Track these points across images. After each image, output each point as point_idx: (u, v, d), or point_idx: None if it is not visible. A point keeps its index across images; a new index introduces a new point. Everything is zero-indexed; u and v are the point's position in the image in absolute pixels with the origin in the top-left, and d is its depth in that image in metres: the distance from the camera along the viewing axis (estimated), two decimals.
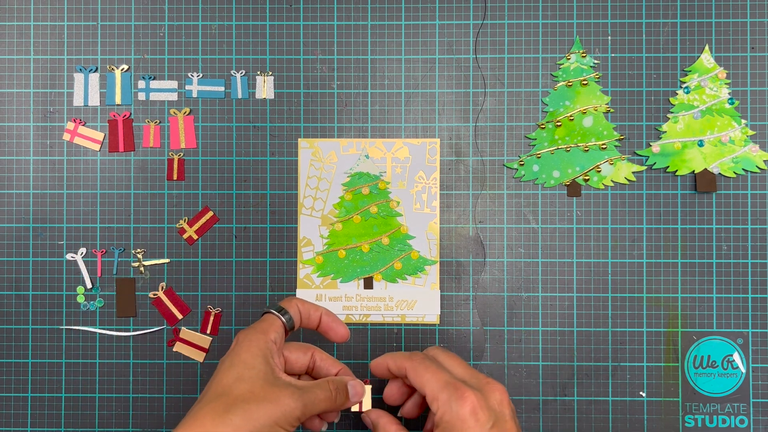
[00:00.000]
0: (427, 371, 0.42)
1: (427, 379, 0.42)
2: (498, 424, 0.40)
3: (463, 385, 0.41)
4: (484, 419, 0.40)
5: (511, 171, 0.53)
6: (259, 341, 0.42)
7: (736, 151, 0.52)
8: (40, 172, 0.53)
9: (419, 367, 0.43)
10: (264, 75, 0.53)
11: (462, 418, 0.40)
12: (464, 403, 0.40)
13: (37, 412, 0.53)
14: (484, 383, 0.42)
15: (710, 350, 0.52)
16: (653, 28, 0.53)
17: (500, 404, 0.41)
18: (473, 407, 0.40)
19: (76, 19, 0.54)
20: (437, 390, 0.41)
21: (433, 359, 0.44)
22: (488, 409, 0.41)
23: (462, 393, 0.41)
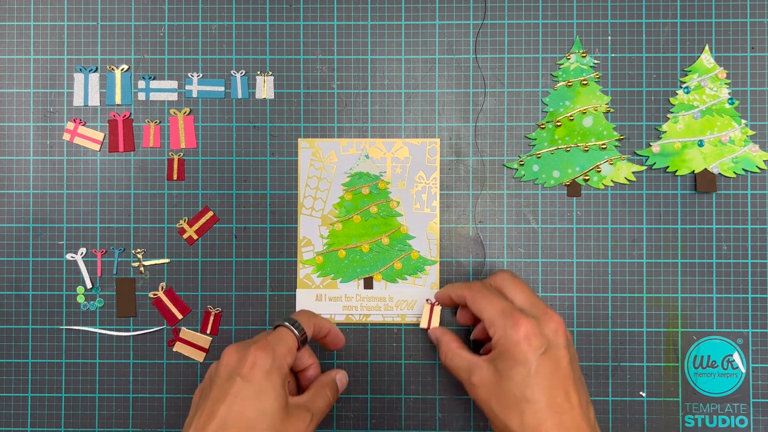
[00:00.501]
0: (484, 299, 0.45)
1: (484, 306, 0.45)
2: (551, 350, 0.42)
3: (519, 312, 0.43)
4: (537, 345, 0.42)
5: (511, 171, 0.53)
6: (281, 369, 0.42)
7: (736, 151, 0.52)
8: (40, 172, 0.53)
9: (477, 296, 0.46)
10: (264, 75, 0.53)
11: (515, 342, 0.42)
12: (518, 329, 0.42)
13: (37, 412, 0.53)
14: (542, 312, 0.44)
15: (710, 350, 0.52)
16: (653, 28, 0.53)
17: (555, 333, 0.43)
18: (527, 333, 0.42)
19: (76, 19, 0.54)
20: (494, 317, 0.44)
21: (491, 288, 0.47)
22: (541, 336, 0.42)
23: (517, 320, 0.43)
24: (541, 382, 0.41)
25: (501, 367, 0.43)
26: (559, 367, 0.42)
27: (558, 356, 0.42)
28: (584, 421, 0.42)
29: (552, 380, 0.42)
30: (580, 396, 0.42)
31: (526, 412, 0.41)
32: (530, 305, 0.45)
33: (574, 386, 0.42)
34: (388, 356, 0.53)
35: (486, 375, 0.44)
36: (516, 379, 0.42)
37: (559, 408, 0.41)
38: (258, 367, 0.41)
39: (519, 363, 0.42)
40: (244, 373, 0.41)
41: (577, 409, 0.42)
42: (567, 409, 0.41)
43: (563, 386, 0.42)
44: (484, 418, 0.52)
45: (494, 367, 0.43)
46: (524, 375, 0.42)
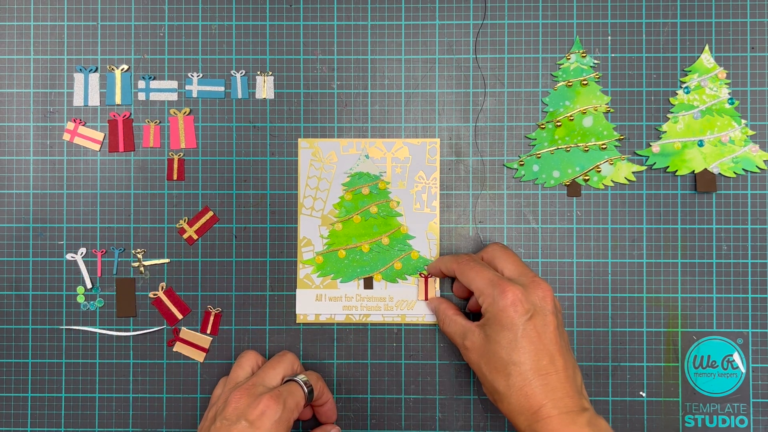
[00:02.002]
0: (472, 271, 0.47)
1: (473, 277, 0.47)
2: (537, 315, 0.44)
3: (507, 281, 0.45)
4: (522, 310, 0.44)
5: (511, 171, 0.53)
6: (287, 422, 0.44)
7: (736, 151, 0.52)
8: (40, 172, 0.53)
9: (465, 268, 0.47)
10: (264, 75, 0.53)
11: (502, 309, 0.44)
12: (505, 296, 0.44)
13: (37, 412, 0.53)
14: (530, 280, 0.46)
15: (710, 350, 0.52)
16: (653, 28, 0.53)
17: (542, 300, 0.45)
18: (513, 299, 0.44)
19: (76, 19, 0.53)
20: (483, 287, 0.46)
21: (480, 260, 0.48)
22: (528, 302, 0.44)
23: (504, 287, 0.45)
24: (527, 345, 0.43)
25: (490, 332, 0.45)
26: (546, 332, 0.44)
27: (545, 322, 0.44)
28: (569, 383, 0.43)
29: (537, 344, 0.44)
30: (566, 360, 0.44)
31: (512, 374, 0.43)
32: (519, 274, 0.46)
33: (560, 351, 0.44)
34: (388, 356, 0.53)
35: (477, 339, 0.46)
36: (503, 343, 0.44)
37: (545, 370, 0.43)
38: (267, 417, 0.43)
39: (506, 328, 0.44)
40: (252, 420, 0.43)
41: (562, 372, 0.43)
42: (552, 371, 0.43)
43: (548, 350, 0.44)
44: (483, 418, 0.53)
45: (484, 332, 0.45)
46: (511, 339, 0.44)
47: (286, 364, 0.47)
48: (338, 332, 0.53)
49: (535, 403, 0.43)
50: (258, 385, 0.45)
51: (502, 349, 0.44)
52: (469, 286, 0.47)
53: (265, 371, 0.46)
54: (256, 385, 0.45)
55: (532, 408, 0.43)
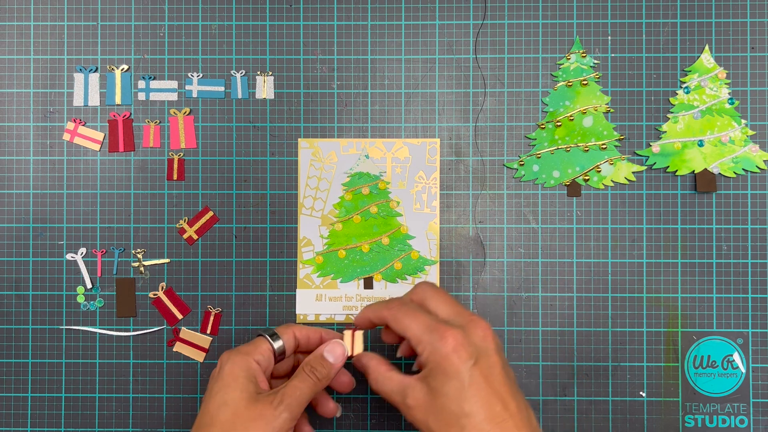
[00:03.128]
0: (406, 317, 0.43)
1: (407, 324, 0.43)
2: (482, 358, 0.41)
3: (444, 325, 0.42)
4: (466, 355, 0.41)
5: (511, 171, 0.53)
6: (242, 362, 0.43)
7: (736, 151, 0.52)
8: (40, 172, 0.53)
9: (398, 315, 0.43)
10: (264, 75, 0.53)
11: (445, 356, 0.41)
12: (446, 342, 0.41)
13: (37, 412, 0.53)
14: (467, 321, 0.42)
15: (710, 350, 0.52)
16: (653, 28, 0.53)
17: (484, 340, 0.42)
18: (455, 345, 0.41)
19: (76, 19, 0.53)
20: (419, 333, 0.42)
21: (411, 303, 0.45)
22: (470, 345, 0.41)
23: (443, 333, 0.41)
24: (477, 393, 0.40)
25: (434, 385, 0.41)
26: (493, 375, 0.41)
27: (489, 363, 0.41)
28: (526, 427, 0.41)
29: (487, 390, 0.40)
30: (518, 402, 0.41)
31: (466, 427, 0.40)
32: (455, 315, 0.43)
33: (511, 393, 0.41)
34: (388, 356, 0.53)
35: (420, 395, 0.42)
36: (451, 395, 0.40)
37: (499, 418, 0.40)
38: (221, 367, 0.43)
39: (451, 377, 0.40)
40: (213, 374, 0.44)
41: (517, 416, 0.40)
42: (507, 417, 0.40)
43: (499, 395, 0.41)
44: None
45: (427, 385, 0.41)
46: (458, 389, 0.40)
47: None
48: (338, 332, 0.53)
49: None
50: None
51: (452, 402, 0.40)
52: (404, 333, 0.43)
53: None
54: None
55: None
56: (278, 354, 0.45)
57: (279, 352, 0.45)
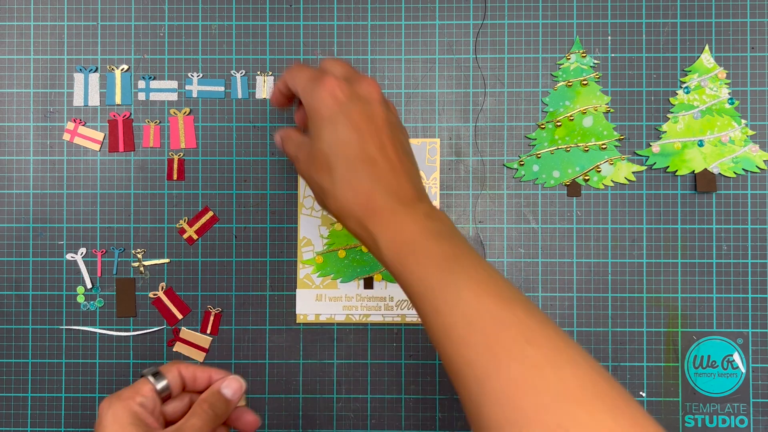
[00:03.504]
0: (300, 71, 0.42)
1: (296, 76, 0.42)
2: (360, 104, 0.39)
3: (328, 74, 0.41)
4: (343, 96, 0.39)
5: (511, 171, 0.53)
6: (123, 409, 0.39)
7: (736, 151, 0.52)
8: (40, 172, 0.53)
9: (292, 71, 0.42)
10: (264, 75, 0.53)
11: (321, 98, 0.39)
12: (324, 85, 0.39)
13: (37, 412, 0.53)
14: (357, 78, 0.41)
15: (710, 350, 0.52)
16: (653, 28, 0.53)
17: (369, 92, 0.40)
18: (332, 86, 0.39)
19: (76, 19, 0.53)
20: (304, 82, 0.41)
21: (312, 65, 0.43)
22: (350, 90, 0.40)
23: (324, 78, 0.40)
24: (350, 132, 0.38)
25: (313, 131, 0.40)
26: (373, 119, 0.39)
27: (371, 111, 0.39)
28: (404, 175, 0.39)
29: (363, 130, 0.39)
30: (401, 155, 0.39)
31: (335, 167, 0.38)
32: (347, 73, 0.42)
33: (392, 142, 0.39)
34: (388, 356, 0.53)
35: (305, 146, 0.41)
36: (324, 136, 0.39)
37: (372, 158, 0.38)
38: (103, 416, 0.39)
39: (325, 119, 0.39)
40: (96, 428, 0.40)
41: (396, 163, 0.39)
42: (381, 159, 0.38)
43: (377, 138, 0.39)
44: None
45: (309, 134, 0.40)
46: (331, 130, 0.39)
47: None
48: (338, 332, 0.53)
49: (362, 195, 0.38)
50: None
51: (324, 143, 0.39)
52: (295, 89, 0.42)
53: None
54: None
55: (360, 202, 0.38)
56: (162, 394, 0.41)
57: (163, 391, 0.41)
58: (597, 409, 0.29)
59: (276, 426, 0.53)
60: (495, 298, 0.34)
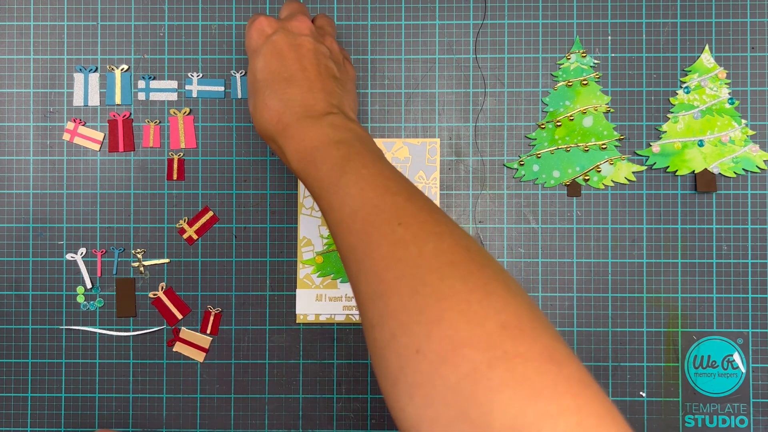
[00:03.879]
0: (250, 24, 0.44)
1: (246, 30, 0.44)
2: (287, 34, 0.41)
3: (262, 14, 0.43)
4: (269, 29, 0.41)
5: (511, 171, 0.53)
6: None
7: (736, 151, 0.52)
8: (40, 172, 0.53)
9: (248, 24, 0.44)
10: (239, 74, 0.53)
11: (249, 35, 0.42)
12: (253, 24, 0.42)
13: (37, 412, 0.53)
14: (294, 16, 0.43)
15: (710, 350, 0.52)
16: (653, 28, 0.53)
17: (297, 27, 0.42)
18: (260, 23, 0.42)
19: (76, 19, 0.53)
20: (246, 29, 0.43)
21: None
22: (277, 24, 0.41)
23: (255, 18, 0.42)
24: (272, 59, 0.40)
25: (248, 68, 0.42)
26: (297, 49, 0.41)
27: (297, 42, 0.41)
28: (321, 94, 0.40)
29: (284, 57, 0.40)
30: (323, 77, 0.40)
31: (257, 91, 0.40)
32: (293, 12, 0.43)
33: (315, 65, 0.40)
34: None
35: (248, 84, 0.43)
36: (252, 68, 0.41)
37: (288, 79, 0.40)
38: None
39: (253, 51, 0.41)
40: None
41: (316, 83, 0.40)
42: (299, 78, 0.40)
43: (299, 63, 0.40)
44: None
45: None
46: (256, 60, 0.41)
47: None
48: (338, 332, 0.53)
49: (275, 112, 0.39)
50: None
51: (252, 75, 0.41)
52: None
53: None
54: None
55: (273, 119, 0.39)
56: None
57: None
58: (448, 275, 0.30)
59: (276, 426, 0.52)
60: (378, 190, 0.35)
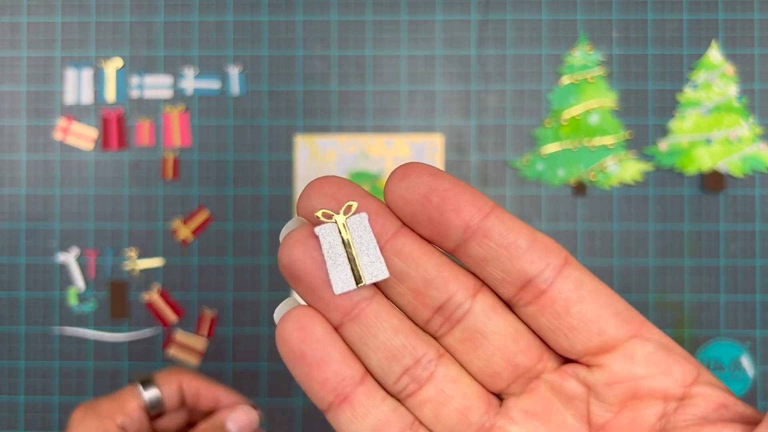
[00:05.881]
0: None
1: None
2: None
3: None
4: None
5: (514, 170, 0.52)
6: (98, 428, 0.33)
7: (743, 149, 0.51)
8: (32, 171, 0.52)
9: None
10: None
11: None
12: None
13: (30, 415, 0.52)
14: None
15: (718, 353, 0.51)
16: (659, 24, 0.52)
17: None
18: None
19: (69, 15, 0.53)
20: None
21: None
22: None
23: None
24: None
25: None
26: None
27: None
28: None
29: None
30: None
31: None
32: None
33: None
34: None
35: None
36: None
37: None
38: (73, 427, 0.33)
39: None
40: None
41: None
42: None
43: None
44: None
45: None
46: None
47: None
48: None
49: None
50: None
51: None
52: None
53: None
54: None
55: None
56: (152, 410, 0.34)
57: (153, 407, 0.34)
58: None
59: (274, 431, 0.52)
60: None
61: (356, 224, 0.18)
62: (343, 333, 0.18)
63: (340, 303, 0.18)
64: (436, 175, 0.18)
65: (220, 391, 0.36)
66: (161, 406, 0.34)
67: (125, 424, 0.33)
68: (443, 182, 0.18)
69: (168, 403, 0.35)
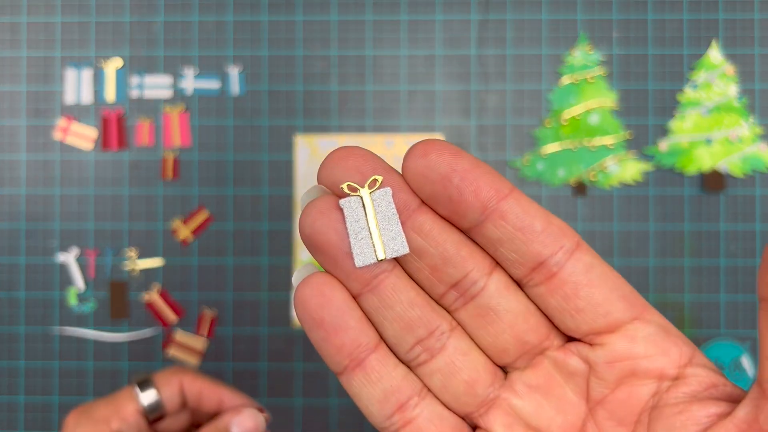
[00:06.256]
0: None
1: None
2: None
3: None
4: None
5: (514, 170, 0.52)
6: (95, 428, 0.31)
7: (744, 149, 0.51)
8: (32, 171, 0.52)
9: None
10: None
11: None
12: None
13: (30, 415, 0.52)
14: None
15: (718, 353, 0.51)
16: (659, 24, 0.52)
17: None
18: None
19: (69, 15, 0.53)
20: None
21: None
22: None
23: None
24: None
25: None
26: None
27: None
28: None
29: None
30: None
31: None
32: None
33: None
34: None
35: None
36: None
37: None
38: (67, 429, 0.32)
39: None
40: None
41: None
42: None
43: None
44: None
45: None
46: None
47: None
48: None
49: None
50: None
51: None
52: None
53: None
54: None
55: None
56: (150, 413, 0.32)
57: (150, 411, 0.32)
58: None
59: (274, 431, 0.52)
60: None
61: (380, 199, 0.19)
62: (361, 302, 0.19)
63: (360, 274, 0.19)
64: (457, 154, 0.19)
65: (224, 391, 0.34)
66: (161, 408, 0.33)
67: (122, 429, 0.32)
68: (463, 162, 0.19)
69: (168, 405, 0.33)
